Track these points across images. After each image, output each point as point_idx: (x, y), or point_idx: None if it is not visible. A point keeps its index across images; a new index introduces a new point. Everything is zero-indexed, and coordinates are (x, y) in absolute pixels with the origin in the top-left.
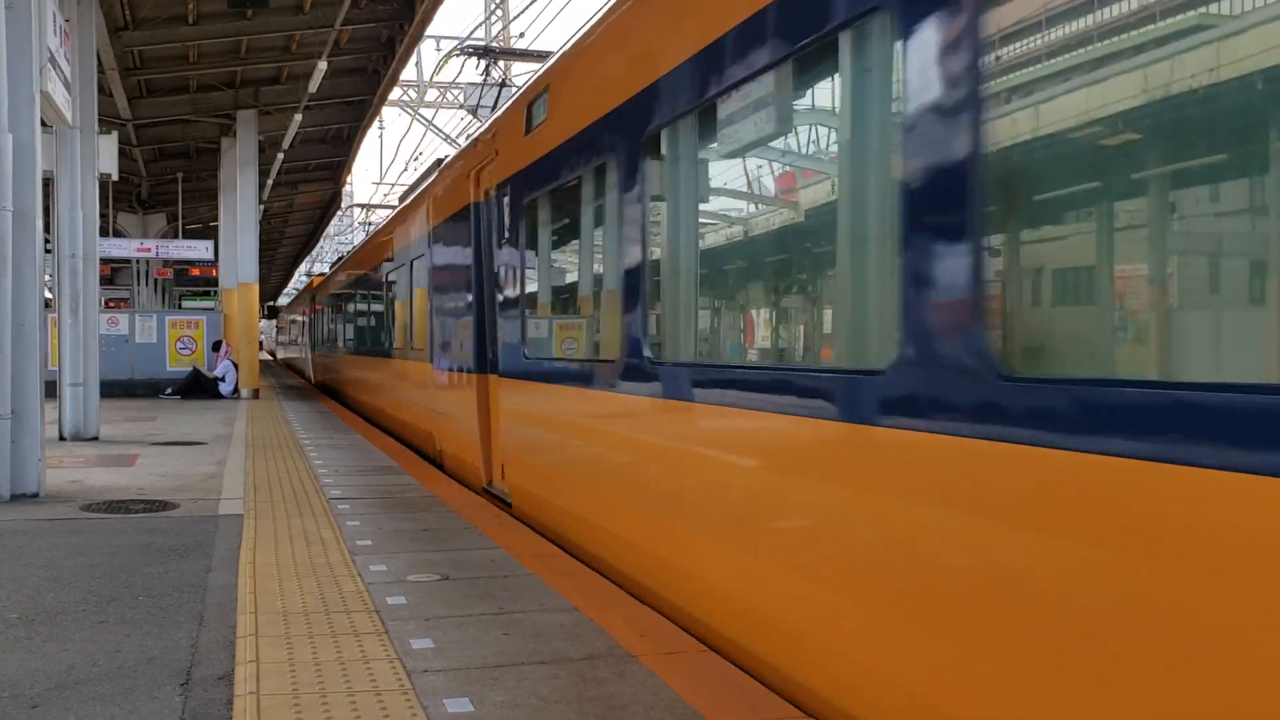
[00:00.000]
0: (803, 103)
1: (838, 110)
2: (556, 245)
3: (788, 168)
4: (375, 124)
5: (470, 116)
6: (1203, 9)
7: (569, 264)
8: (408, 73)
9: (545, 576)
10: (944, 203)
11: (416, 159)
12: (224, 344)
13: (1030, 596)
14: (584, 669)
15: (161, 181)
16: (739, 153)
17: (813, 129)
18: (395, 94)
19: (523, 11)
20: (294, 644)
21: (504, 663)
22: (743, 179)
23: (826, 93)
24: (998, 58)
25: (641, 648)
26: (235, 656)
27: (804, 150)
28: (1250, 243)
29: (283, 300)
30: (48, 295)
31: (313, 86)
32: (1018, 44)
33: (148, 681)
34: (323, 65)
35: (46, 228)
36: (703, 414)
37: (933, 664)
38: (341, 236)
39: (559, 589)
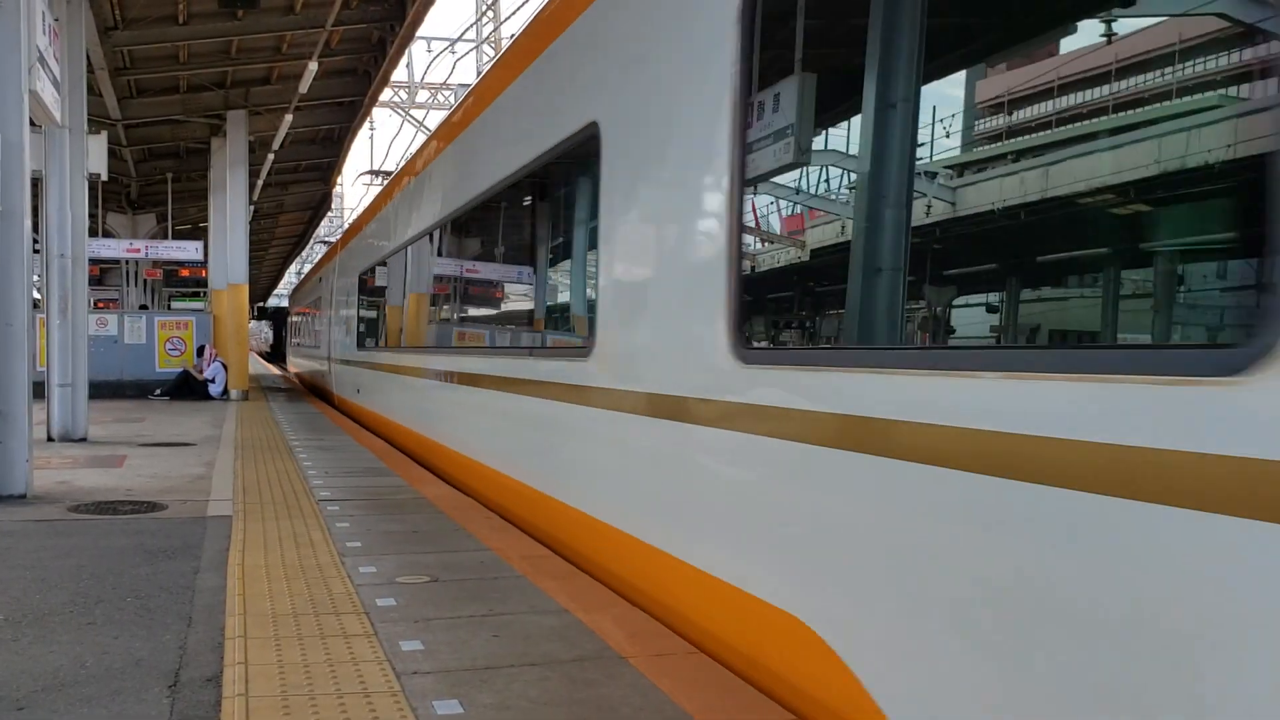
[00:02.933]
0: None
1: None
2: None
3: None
4: (366, 125)
5: None
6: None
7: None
8: (399, 74)
9: (535, 578)
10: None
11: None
12: (208, 348)
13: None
14: (574, 671)
15: (151, 182)
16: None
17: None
18: (386, 95)
19: (515, 12)
20: (283, 646)
21: (494, 664)
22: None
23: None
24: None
25: (631, 649)
26: (224, 658)
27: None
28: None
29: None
30: (36, 295)
31: (303, 87)
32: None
33: (135, 683)
34: (313, 66)
35: (35, 228)
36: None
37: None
38: (332, 237)
39: (549, 591)
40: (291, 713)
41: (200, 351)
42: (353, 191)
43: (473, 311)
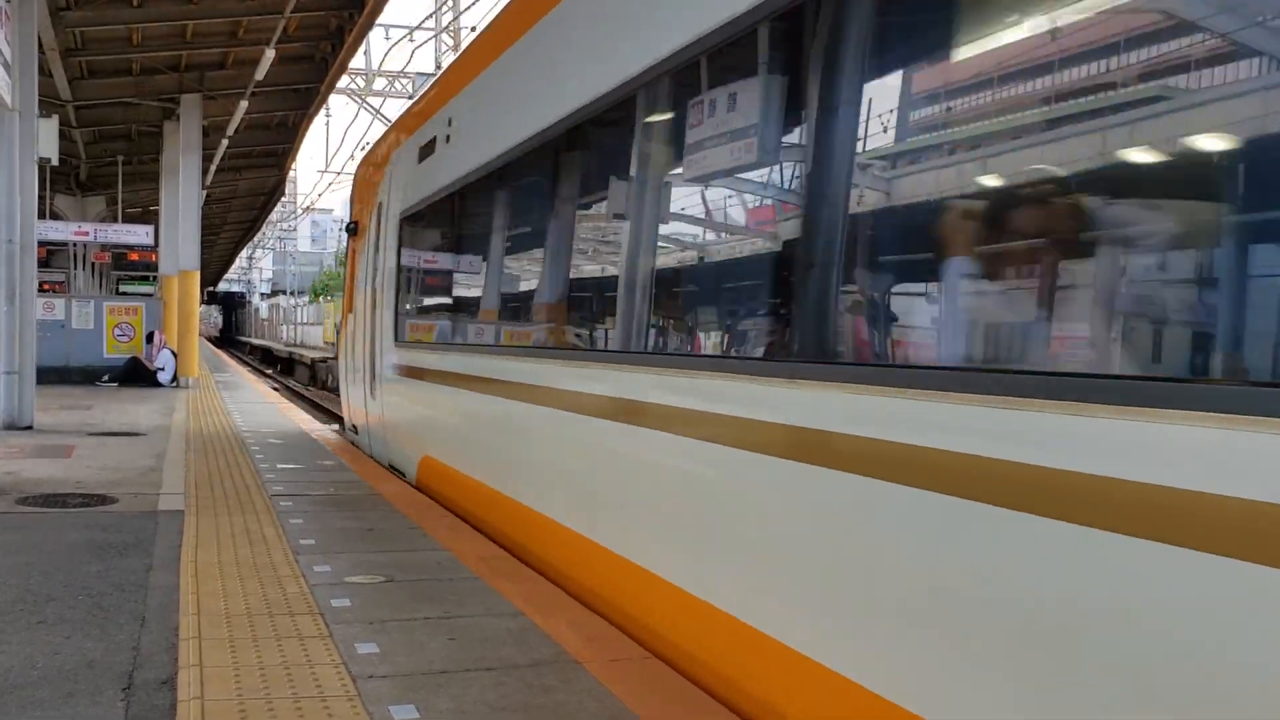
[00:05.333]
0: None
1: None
2: None
3: None
4: (322, 111)
5: None
6: None
7: None
8: (356, 60)
9: (491, 580)
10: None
11: (363, 148)
12: (158, 335)
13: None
14: (530, 676)
15: (101, 164)
16: None
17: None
18: (343, 81)
19: (475, 3)
20: (238, 647)
21: (450, 669)
22: None
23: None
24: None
25: (587, 654)
26: (178, 660)
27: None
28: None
29: None
30: None
31: (259, 74)
32: None
33: (88, 686)
34: (270, 53)
35: None
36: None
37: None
38: (284, 223)
39: (505, 593)
40: (248, 717)
41: (150, 338)
42: (305, 179)
43: None
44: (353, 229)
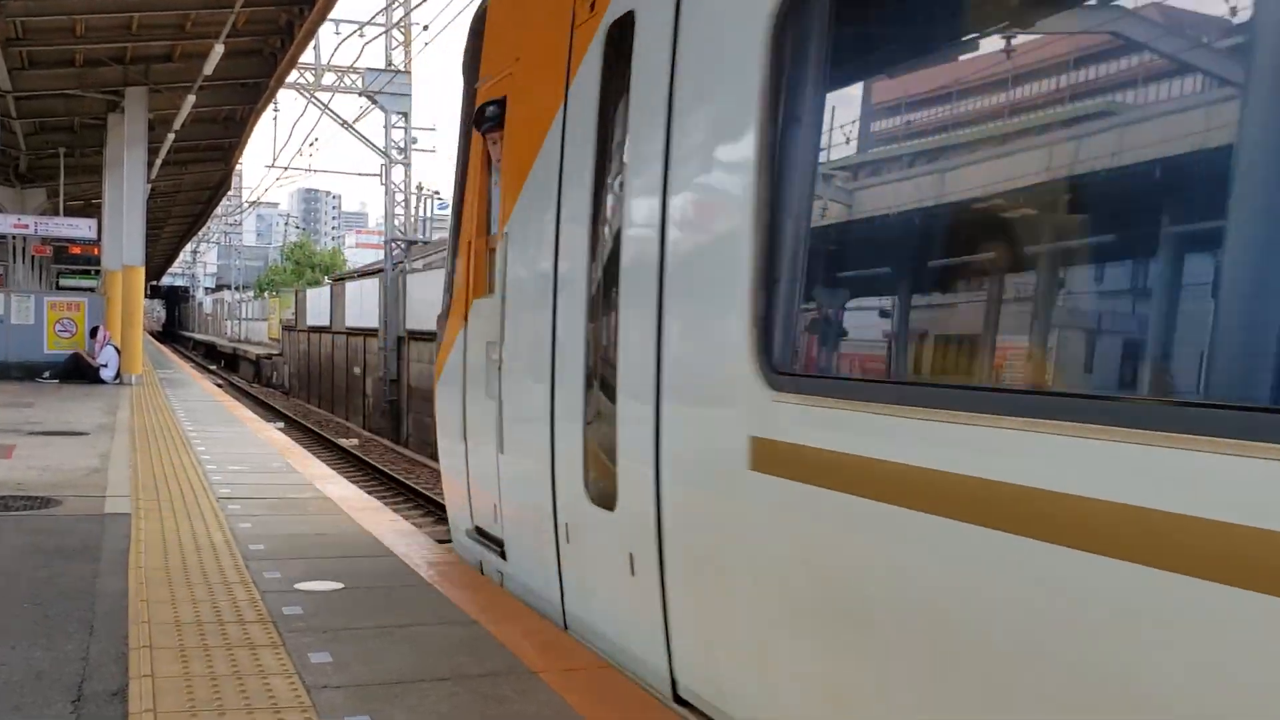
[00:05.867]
0: None
1: None
2: None
3: None
4: (270, 106)
5: (368, 102)
6: None
7: None
8: (305, 55)
9: (442, 586)
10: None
11: (312, 144)
12: (102, 330)
13: None
14: (485, 686)
15: (42, 156)
16: None
17: None
18: (291, 76)
19: (424, 1)
20: (189, 657)
21: (405, 679)
22: None
23: None
24: None
25: (542, 664)
26: (129, 670)
27: None
28: None
29: None
30: None
31: (208, 69)
32: None
33: (37, 698)
34: (219, 48)
35: None
36: None
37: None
38: (230, 218)
39: (457, 601)
40: None
41: (93, 333)
42: (252, 173)
43: None
44: (494, 115)
